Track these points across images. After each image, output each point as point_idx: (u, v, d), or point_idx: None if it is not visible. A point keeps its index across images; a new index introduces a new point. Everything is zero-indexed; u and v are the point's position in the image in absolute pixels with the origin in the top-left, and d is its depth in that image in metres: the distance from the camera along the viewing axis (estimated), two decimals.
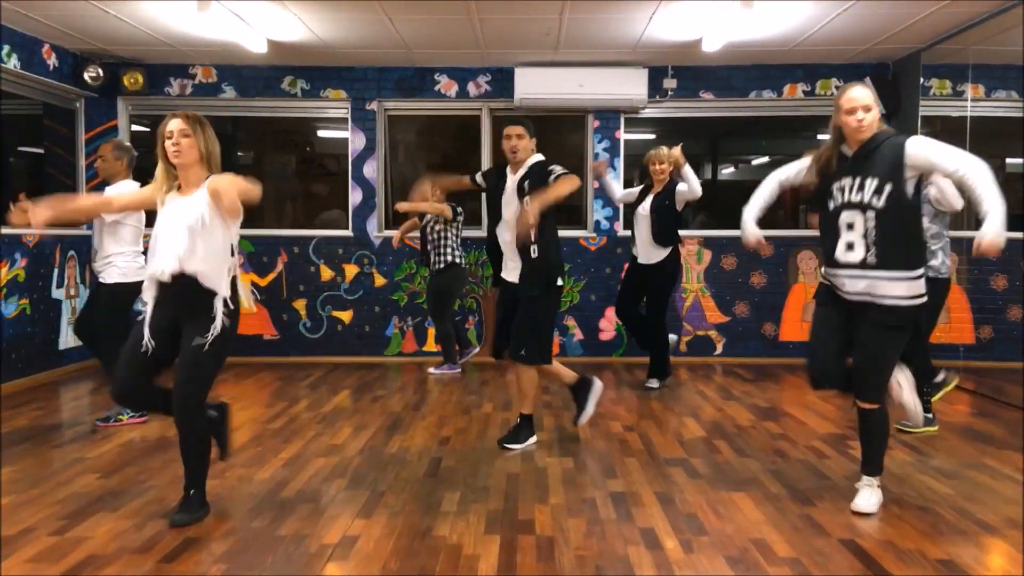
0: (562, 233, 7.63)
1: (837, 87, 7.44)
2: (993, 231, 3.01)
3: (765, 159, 11.44)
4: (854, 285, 3.35)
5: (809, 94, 7.47)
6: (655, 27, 6.21)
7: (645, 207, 6.07)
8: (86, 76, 7.06)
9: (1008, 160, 7.84)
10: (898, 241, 3.28)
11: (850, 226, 3.34)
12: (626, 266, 6.49)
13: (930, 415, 4.79)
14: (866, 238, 3.30)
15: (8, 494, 3.65)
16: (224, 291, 3.24)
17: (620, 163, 7.59)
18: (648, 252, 6.07)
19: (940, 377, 4.83)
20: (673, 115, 7.74)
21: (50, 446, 4.50)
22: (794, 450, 4.40)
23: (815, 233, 3.74)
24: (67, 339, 6.93)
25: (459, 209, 6.71)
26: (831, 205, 3.39)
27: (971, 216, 6.82)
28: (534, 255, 4.36)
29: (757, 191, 3.73)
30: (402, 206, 6.42)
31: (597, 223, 7.60)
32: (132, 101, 7.55)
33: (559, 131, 8.30)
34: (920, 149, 3.26)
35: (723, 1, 5.53)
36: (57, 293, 6.85)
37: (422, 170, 8.60)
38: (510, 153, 4.45)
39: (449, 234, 6.66)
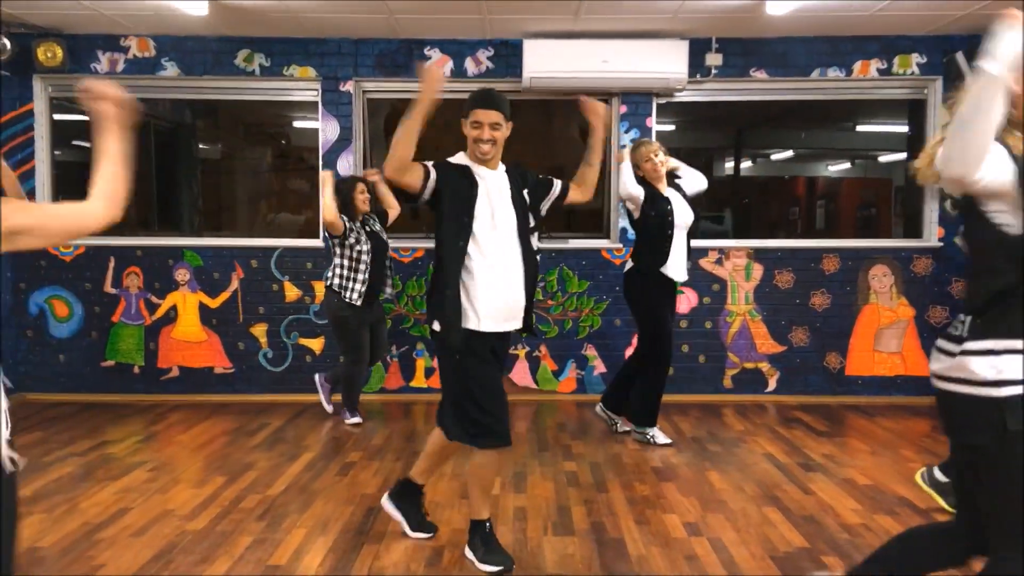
0: (580, 243, 6.32)
1: (919, 64, 6.06)
2: None
3: (789, 153, 10.21)
4: None
5: (885, 72, 6.07)
6: None
7: (684, 214, 4.79)
8: None
9: None
10: None
11: None
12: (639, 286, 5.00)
13: None
14: None
15: None
16: None
17: None
18: (683, 267, 4.90)
19: None
20: (717, 98, 6.32)
21: None
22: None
23: (889, 243, 2.28)
24: None
25: None
26: None
27: None
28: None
29: None
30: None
31: (623, 231, 6.19)
32: (52, 80, 6.13)
33: (574, 117, 6.88)
34: None
35: None
36: None
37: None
38: (480, 147, 3.06)
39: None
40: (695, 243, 6.00)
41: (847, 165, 10.15)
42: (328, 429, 5.27)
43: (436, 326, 3.05)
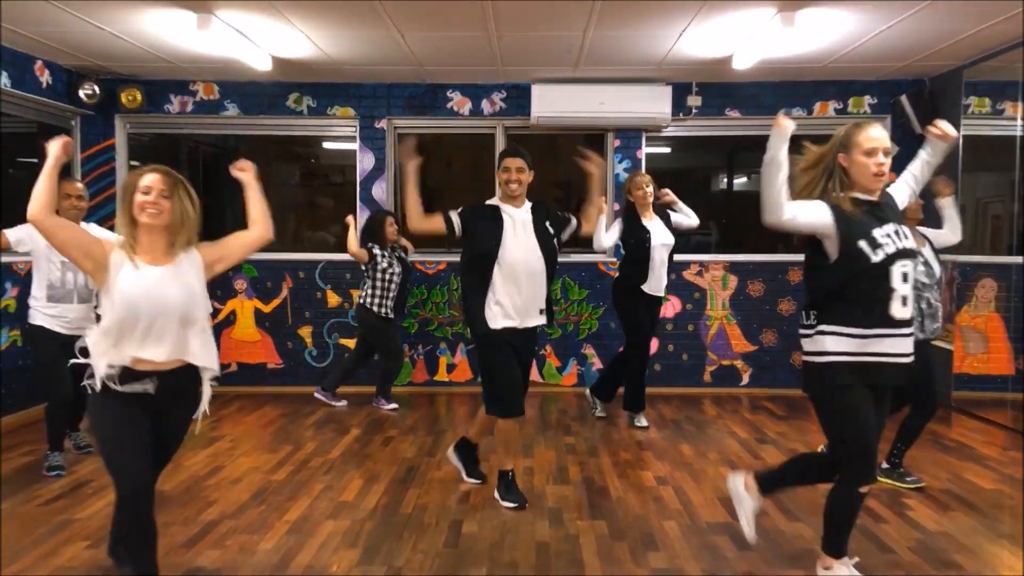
0: (578, 258, 7.36)
1: (870, 104, 7.09)
2: None
3: None
4: (903, 346, 2.97)
5: (841, 112, 7.10)
6: (684, 44, 5.85)
7: (663, 238, 5.76)
8: (81, 93, 6.72)
9: None
10: None
11: (904, 277, 2.93)
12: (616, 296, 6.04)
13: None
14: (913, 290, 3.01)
15: None
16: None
17: None
18: (661, 283, 5.82)
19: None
20: (697, 133, 7.38)
21: (36, 503, 4.14)
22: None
23: None
24: None
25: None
26: (878, 255, 2.89)
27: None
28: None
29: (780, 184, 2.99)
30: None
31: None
32: (130, 119, 7.22)
33: (573, 148, 7.92)
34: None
35: (761, 15, 5.18)
36: None
37: (431, 189, 8.27)
38: (509, 186, 4.06)
39: None
40: (679, 257, 7.05)
41: None
42: (367, 414, 6.30)
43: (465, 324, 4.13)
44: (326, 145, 8.58)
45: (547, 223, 4.14)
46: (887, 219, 2.95)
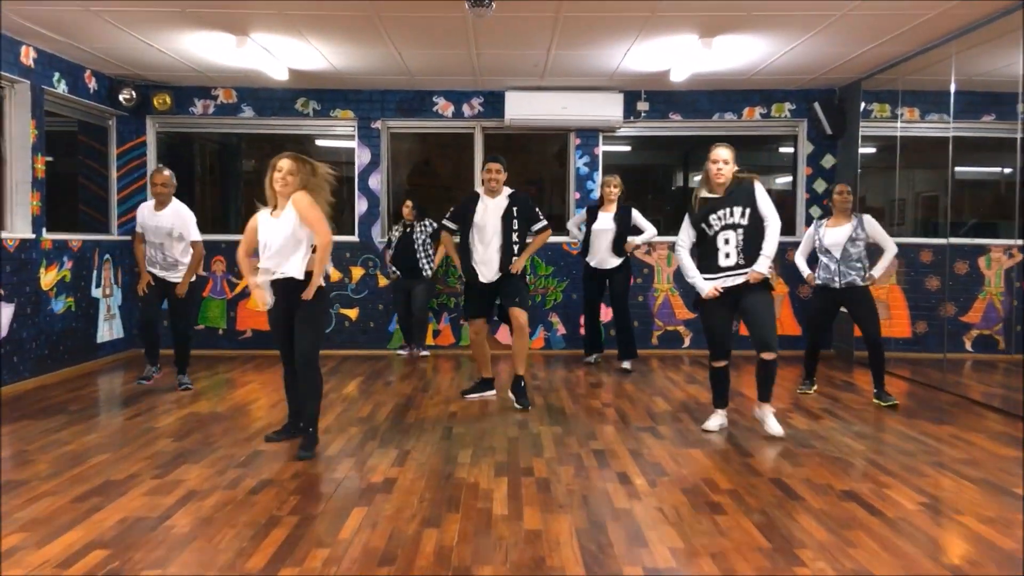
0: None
1: (790, 110, 8.41)
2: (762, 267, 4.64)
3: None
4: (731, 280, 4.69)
5: (766, 116, 8.43)
6: (629, 60, 7.13)
7: (608, 227, 7.24)
8: (121, 98, 7.86)
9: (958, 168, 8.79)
10: None
11: (727, 241, 4.68)
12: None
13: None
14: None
15: (104, 452, 4.48)
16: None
17: (599, 175, 8.50)
18: (605, 261, 7.29)
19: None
20: (646, 134, 8.68)
21: (121, 419, 5.33)
22: (742, 420, 5.33)
23: None
24: (103, 333, 7.73)
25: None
26: (711, 231, 4.66)
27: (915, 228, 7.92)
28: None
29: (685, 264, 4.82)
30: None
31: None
32: (158, 119, 8.37)
33: (545, 147, 9.21)
34: None
35: (686, 39, 6.46)
36: (96, 292, 7.65)
37: (417, 182, 9.50)
38: (489, 183, 5.61)
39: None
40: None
41: (789, 178, 12.44)
42: (367, 367, 7.51)
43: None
44: (319, 143, 9.75)
45: (514, 209, 5.58)
46: (721, 207, 4.48)
